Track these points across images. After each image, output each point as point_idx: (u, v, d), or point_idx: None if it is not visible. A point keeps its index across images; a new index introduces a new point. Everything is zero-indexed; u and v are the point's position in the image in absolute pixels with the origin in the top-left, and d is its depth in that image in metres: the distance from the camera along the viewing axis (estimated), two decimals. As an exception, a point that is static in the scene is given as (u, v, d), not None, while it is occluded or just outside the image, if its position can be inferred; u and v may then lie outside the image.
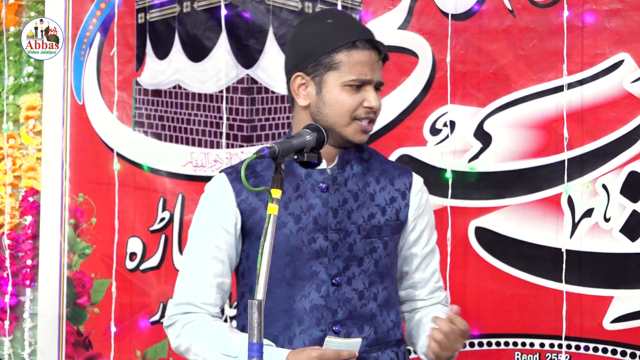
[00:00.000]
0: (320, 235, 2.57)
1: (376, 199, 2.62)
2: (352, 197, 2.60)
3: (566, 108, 3.67)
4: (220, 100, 4.11)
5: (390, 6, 3.87)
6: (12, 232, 4.35)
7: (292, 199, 2.58)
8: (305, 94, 2.58)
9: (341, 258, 2.57)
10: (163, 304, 4.20)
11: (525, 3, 3.71)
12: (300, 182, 2.59)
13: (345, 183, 2.60)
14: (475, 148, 3.79)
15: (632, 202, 3.63)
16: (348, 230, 2.58)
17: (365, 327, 2.58)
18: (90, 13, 4.24)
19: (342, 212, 2.58)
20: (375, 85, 2.56)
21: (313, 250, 2.56)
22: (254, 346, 2.14)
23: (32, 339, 4.36)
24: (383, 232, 2.61)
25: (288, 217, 2.57)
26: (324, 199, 2.58)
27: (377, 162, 2.68)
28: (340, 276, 2.57)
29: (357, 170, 2.63)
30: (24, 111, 4.33)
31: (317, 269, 2.56)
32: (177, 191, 4.18)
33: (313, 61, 2.55)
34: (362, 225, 2.59)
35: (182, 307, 2.59)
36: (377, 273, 2.61)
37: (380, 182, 2.64)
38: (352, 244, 2.58)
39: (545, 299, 3.70)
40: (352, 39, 2.52)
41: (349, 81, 2.53)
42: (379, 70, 2.57)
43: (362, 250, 2.59)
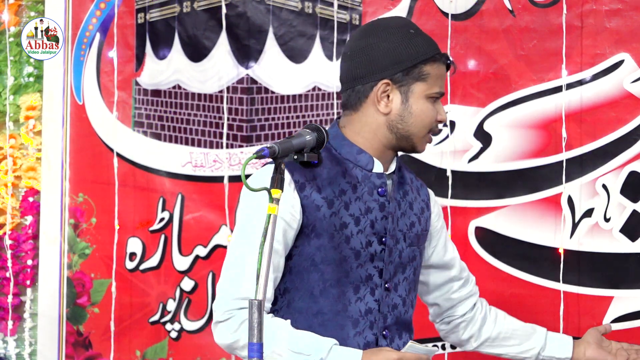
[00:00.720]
0: (376, 239, 2.57)
1: (414, 207, 2.66)
2: (398, 205, 2.62)
3: (566, 108, 3.67)
4: (220, 100, 4.11)
5: (390, 6, 3.87)
6: (13, 232, 4.35)
7: (352, 200, 2.56)
8: (387, 101, 2.56)
9: (393, 264, 2.59)
10: (163, 304, 4.20)
11: (525, 3, 3.71)
12: (357, 184, 2.57)
13: (394, 190, 2.62)
14: (475, 148, 3.79)
15: (632, 202, 3.63)
16: (397, 237, 2.60)
17: (404, 334, 2.62)
18: (90, 13, 4.24)
19: (394, 219, 2.60)
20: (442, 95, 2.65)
21: (369, 253, 2.56)
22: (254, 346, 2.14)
23: (32, 339, 4.36)
24: (420, 241, 2.68)
25: (349, 218, 2.55)
26: (380, 203, 2.58)
27: (406, 172, 2.71)
28: (391, 281, 2.59)
29: (397, 178, 2.64)
30: (24, 111, 4.33)
31: (372, 273, 2.56)
32: (176, 191, 4.18)
33: (401, 70, 2.54)
34: (407, 233, 2.62)
35: (239, 302, 2.48)
36: (414, 281, 2.67)
37: (413, 191, 2.68)
38: (401, 250, 2.61)
39: (545, 299, 3.70)
40: (436, 52, 2.57)
41: (433, 93, 2.57)
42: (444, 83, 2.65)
43: (407, 258, 2.63)
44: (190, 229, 4.17)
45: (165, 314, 4.20)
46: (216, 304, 2.52)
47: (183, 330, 4.19)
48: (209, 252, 4.14)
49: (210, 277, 4.14)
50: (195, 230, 4.17)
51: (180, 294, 4.18)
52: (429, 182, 3.78)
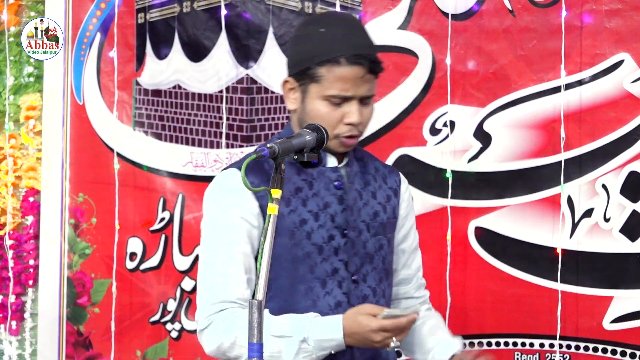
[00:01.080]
0: (338, 233, 2.58)
1: (377, 197, 2.66)
2: (358, 196, 2.63)
3: (566, 108, 3.67)
4: (220, 100, 4.11)
5: (390, 6, 3.87)
6: (15, 232, 4.35)
7: (309, 196, 2.59)
8: (293, 99, 2.61)
9: (358, 255, 2.60)
10: (163, 304, 4.21)
11: (525, 3, 3.72)
12: (313, 180, 2.61)
13: (353, 181, 2.63)
14: (475, 148, 3.79)
15: (632, 202, 3.63)
16: (360, 228, 2.61)
17: None
18: (90, 13, 4.24)
19: (355, 210, 2.61)
20: (361, 99, 2.56)
21: (332, 247, 2.58)
22: (254, 346, 2.14)
23: (33, 339, 4.36)
24: (387, 230, 2.66)
25: (308, 214, 2.58)
26: (339, 196, 2.60)
27: (370, 161, 2.71)
28: (358, 273, 2.60)
29: (357, 169, 2.66)
30: (24, 111, 4.33)
31: (338, 266, 2.58)
32: (177, 191, 4.18)
33: (300, 69, 2.56)
34: (370, 224, 2.62)
35: (217, 306, 2.54)
36: (384, 270, 2.66)
37: (377, 180, 2.68)
38: (365, 241, 2.62)
39: (545, 299, 3.70)
40: (334, 55, 2.52)
41: (328, 96, 2.53)
42: (368, 83, 2.56)
43: (373, 248, 2.62)
44: (191, 228, 4.17)
45: (166, 313, 4.20)
46: (197, 314, 2.59)
47: (183, 330, 4.19)
48: (209, 252, 4.14)
49: (211, 277, 4.14)
50: (195, 230, 4.17)
51: (180, 293, 4.18)
52: (428, 182, 3.80)
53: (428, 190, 3.82)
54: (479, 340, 3.78)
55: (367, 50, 2.55)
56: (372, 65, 2.54)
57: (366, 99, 2.57)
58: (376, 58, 2.55)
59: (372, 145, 3.82)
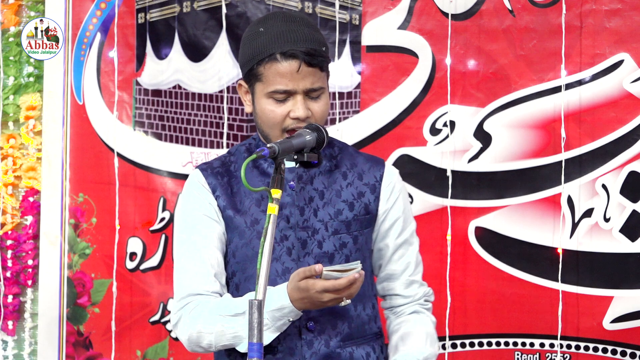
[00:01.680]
0: (292, 233, 2.58)
1: (343, 195, 2.62)
2: (318, 195, 2.61)
3: (566, 108, 3.67)
4: (220, 100, 4.11)
5: (390, 6, 3.87)
6: (14, 232, 4.35)
7: (265, 196, 2.60)
8: (248, 101, 2.63)
9: (311, 255, 2.58)
10: (163, 304, 4.21)
11: (525, 3, 3.72)
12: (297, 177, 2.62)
13: (312, 181, 2.62)
14: (475, 148, 3.79)
15: (632, 202, 3.63)
16: (316, 228, 2.59)
17: (338, 323, 2.59)
18: (91, 13, 4.24)
19: (308, 210, 2.60)
20: (307, 92, 2.55)
21: (285, 247, 2.58)
22: (254, 346, 2.14)
23: (33, 339, 4.36)
24: (352, 227, 2.61)
25: (261, 214, 2.59)
26: (293, 197, 2.60)
27: (347, 157, 2.68)
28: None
29: (325, 167, 2.64)
30: (24, 111, 4.33)
31: (290, 266, 2.57)
32: (177, 191, 4.18)
33: (247, 70, 2.59)
34: (329, 222, 2.59)
35: (184, 301, 2.59)
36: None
37: (347, 177, 2.64)
38: (321, 240, 2.59)
39: (545, 299, 3.70)
40: (270, 52, 2.54)
41: (270, 93, 2.55)
42: (309, 76, 2.54)
43: (332, 247, 2.59)
44: (191, 228, 4.17)
45: (166, 313, 4.20)
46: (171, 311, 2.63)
47: (183, 330, 4.18)
48: (209, 252, 4.14)
49: (211, 277, 4.14)
50: (195, 230, 4.17)
51: (180, 293, 4.18)
52: (428, 182, 3.80)
53: (428, 190, 3.82)
54: (479, 340, 3.78)
55: (303, 45, 2.54)
56: (308, 58, 2.53)
57: (312, 92, 2.56)
58: (314, 51, 2.54)
59: (372, 145, 3.83)
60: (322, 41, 2.58)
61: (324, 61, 2.57)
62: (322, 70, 2.57)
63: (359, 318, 2.62)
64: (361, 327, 2.63)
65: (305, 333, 2.57)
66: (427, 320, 2.69)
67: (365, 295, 2.64)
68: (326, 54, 2.58)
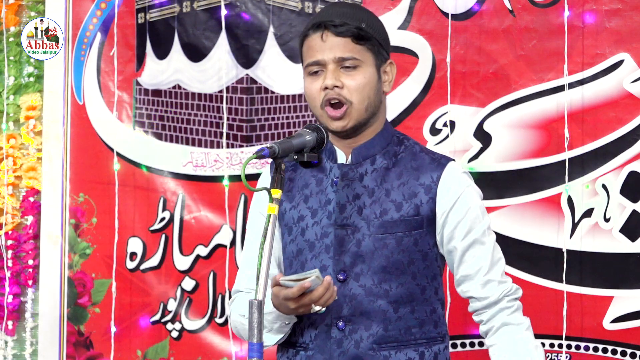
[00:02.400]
0: (333, 230, 2.56)
1: (392, 194, 2.57)
2: (367, 193, 2.57)
3: (567, 108, 3.67)
4: (220, 100, 4.11)
5: (390, 6, 3.87)
6: (14, 232, 4.35)
7: (314, 193, 2.60)
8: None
9: (348, 254, 2.55)
10: (163, 304, 4.21)
11: (525, 3, 3.72)
12: (324, 177, 2.60)
13: (361, 178, 2.58)
14: (475, 148, 3.79)
15: (632, 202, 3.63)
16: (357, 227, 2.55)
17: (373, 325, 2.54)
18: (91, 13, 4.24)
19: (350, 208, 2.56)
20: (339, 62, 2.53)
21: (324, 244, 2.56)
22: (254, 346, 2.14)
23: (33, 339, 4.36)
24: (396, 228, 2.55)
25: (307, 210, 2.59)
26: (338, 194, 2.58)
27: (410, 156, 2.62)
28: (347, 272, 2.55)
29: (381, 165, 2.59)
30: (24, 111, 4.33)
31: (327, 264, 2.56)
32: (177, 191, 4.18)
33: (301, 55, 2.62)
34: (372, 222, 2.55)
35: (233, 297, 2.69)
36: (388, 269, 2.55)
37: (402, 177, 2.58)
38: (360, 239, 2.55)
39: (546, 299, 3.70)
40: (304, 32, 2.57)
41: (305, 68, 2.56)
42: (338, 46, 2.53)
43: (372, 247, 2.55)
44: (191, 228, 4.17)
45: (166, 313, 4.20)
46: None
47: (184, 330, 4.19)
48: (209, 252, 4.14)
49: (211, 276, 4.14)
50: (195, 230, 4.17)
51: (181, 293, 4.18)
52: (429, 182, 3.79)
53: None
54: (479, 340, 3.78)
55: (333, 17, 2.54)
56: (334, 28, 2.52)
57: (345, 63, 2.53)
58: (342, 22, 2.53)
59: (372, 145, 3.82)
60: (362, 18, 2.56)
61: (359, 33, 2.53)
62: (359, 43, 2.54)
63: (401, 321, 2.56)
64: (405, 331, 2.57)
65: (335, 332, 2.55)
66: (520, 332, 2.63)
67: (414, 298, 2.58)
68: (366, 29, 2.54)
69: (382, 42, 2.59)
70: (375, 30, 2.57)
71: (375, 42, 2.56)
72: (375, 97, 2.57)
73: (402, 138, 2.67)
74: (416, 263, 2.58)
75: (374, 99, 2.57)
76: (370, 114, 2.58)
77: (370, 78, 2.55)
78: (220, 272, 4.12)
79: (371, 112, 2.58)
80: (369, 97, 2.56)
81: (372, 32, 2.55)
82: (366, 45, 2.55)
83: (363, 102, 2.55)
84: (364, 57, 2.54)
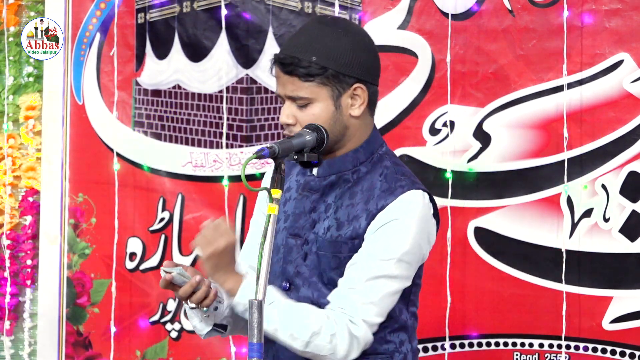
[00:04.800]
0: (292, 238, 2.57)
1: (339, 212, 2.53)
2: (324, 207, 2.55)
3: (567, 108, 3.67)
4: (220, 100, 4.11)
5: (390, 6, 3.87)
6: (12, 232, 4.35)
7: (292, 198, 2.60)
8: None
9: (293, 264, 2.55)
10: (163, 304, 4.21)
11: (524, 3, 3.72)
12: (304, 183, 2.60)
13: (322, 192, 2.56)
14: (474, 148, 3.79)
15: (631, 202, 3.63)
16: (307, 239, 2.55)
17: None
18: (90, 13, 4.24)
19: (305, 219, 2.55)
20: (293, 98, 2.51)
21: (285, 250, 2.57)
22: (254, 346, 2.14)
23: (32, 339, 4.36)
24: (334, 248, 2.51)
25: (282, 214, 2.59)
26: (304, 203, 2.58)
27: (374, 177, 2.56)
28: (290, 281, 2.55)
29: (346, 182, 2.56)
30: (24, 111, 4.33)
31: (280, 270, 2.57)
32: (176, 191, 4.18)
33: None
34: (319, 236, 2.53)
35: None
36: (325, 286, 2.52)
37: (355, 197, 2.54)
38: (307, 252, 2.54)
39: (545, 299, 3.70)
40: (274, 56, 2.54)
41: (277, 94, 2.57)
42: (290, 84, 2.50)
43: (315, 261, 2.53)
44: (191, 228, 4.17)
45: (166, 314, 4.20)
46: None
47: (183, 330, 4.19)
48: (209, 252, 4.14)
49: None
50: (195, 230, 4.15)
51: (180, 293, 4.18)
52: (428, 182, 3.79)
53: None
54: (479, 340, 3.79)
55: (286, 51, 2.51)
56: (281, 66, 2.50)
57: (298, 100, 2.50)
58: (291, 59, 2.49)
59: (371, 145, 3.82)
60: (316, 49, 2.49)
61: (306, 72, 2.48)
62: (307, 80, 2.49)
63: None
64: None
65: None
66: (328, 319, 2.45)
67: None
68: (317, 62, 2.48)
69: (344, 69, 2.51)
70: (332, 59, 2.49)
71: (330, 73, 2.49)
72: (333, 127, 2.50)
73: (381, 158, 2.59)
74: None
75: (332, 129, 2.50)
76: (332, 142, 2.52)
77: (323, 112, 2.50)
78: (220, 272, 4.11)
79: (333, 140, 2.52)
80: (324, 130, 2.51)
81: (326, 63, 2.48)
82: (316, 81, 2.49)
83: None
84: (313, 93, 2.49)
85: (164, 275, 2.46)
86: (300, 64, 2.48)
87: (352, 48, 2.52)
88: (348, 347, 2.44)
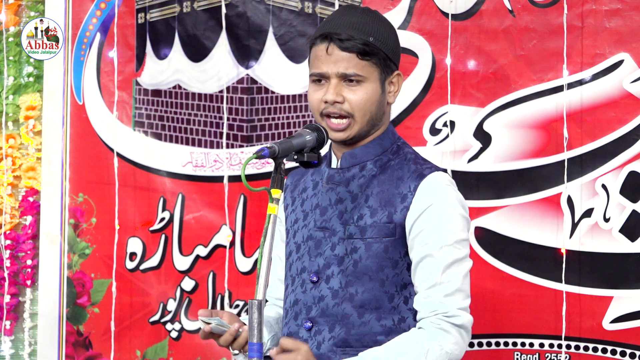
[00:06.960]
0: (317, 233, 2.60)
1: (370, 200, 2.57)
2: (350, 198, 2.59)
3: (567, 108, 3.67)
4: (220, 100, 4.11)
5: (390, 6, 3.87)
6: (12, 232, 4.35)
7: (309, 196, 2.64)
8: None
9: (322, 256, 2.57)
10: (163, 304, 4.21)
11: (525, 3, 3.72)
12: (320, 181, 2.64)
13: (347, 183, 2.59)
14: (475, 148, 3.79)
15: (631, 202, 3.63)
16: (335, 230, 2.57)
17: (336, 327, 2.55)
18: (90, 13, 4.24)
19: (332, 211, 2.59)
20: (342, 77, 2.53)
21: (308, 246, 2.60)
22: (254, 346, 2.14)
23: (32, 339, 4.36)
24: (367, 234, 2.54)
25: (301, 213, 2.63)
26: (324, 197, 2.61)
27: (398, 165, 2.60)
28: (319, 273, 2.57)
29: (369, 172, 2.60)
30: (24, 111, 4.33)
31: (307, 265, 2.60)
32: (177, 191, 4.18)
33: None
34: (349, 226, 2.56)
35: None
36: (355, 274, 2.54)
37: (384, 185, 2.57)
38: (336, 243, 2.57)
39: (545, 299, 3.70)
40: (312, 39, 2.58)
41: (310, 75, 2.58)
42: (343, 61, 2.52)
43: (344, 250, 2.55)
44: (191, 228, 4.17)
45: (166, 313, 4.20)
46: None
47: (183, 330, 4.19)
48: (209, 252, 4.14)
49: (211, 276, 4.14)
50: (195, 230, 4.17)
51: (180, 293, 4.18)
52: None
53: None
54: (479, 340, 3.78)
55: (340, 29, 2.53)
56: (339, 42, 2.52)
57: (349, 78, 2.54)
58: (349, 36, 2.52)
59: (372, 145, 3.82)
60: (370, 31, 2.54)
61: (365, 49, 2.52)
62: (364, 59, 2.53)
63: (365, 326, 2.54)
64: (367, 337, 2.55)
65: (302, 332, 2.58)
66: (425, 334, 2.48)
67: (382, 305, 2.55)
68: (374, 43, 2.53)
69: (391, 54, 2.58)
70: (383, 43, 2.56)
71: (382, 55, 2.56)
72: (377, 111, 2.58)
73: (402, 146, 2.65)
74: (385, 270, 2.56)
75: (376, 113, 2.58)
76: (371, 126, 2.59)
77: (372, 93, 2.56)
78: (220, 273, 4.12)
79: (373, 124, 2.59)
80: (371, 112, 2.57)
81: (380, 45, 2.55)
82: (372, 61, 2.55)
83: (365, 116, 2.56)
84: (368, 72, 2.55)
85: (203, 326, 2.46)
86: (360, 41, 2.52)
87: (395, 38, 2.62)
88: (459, 339, 2.52)
